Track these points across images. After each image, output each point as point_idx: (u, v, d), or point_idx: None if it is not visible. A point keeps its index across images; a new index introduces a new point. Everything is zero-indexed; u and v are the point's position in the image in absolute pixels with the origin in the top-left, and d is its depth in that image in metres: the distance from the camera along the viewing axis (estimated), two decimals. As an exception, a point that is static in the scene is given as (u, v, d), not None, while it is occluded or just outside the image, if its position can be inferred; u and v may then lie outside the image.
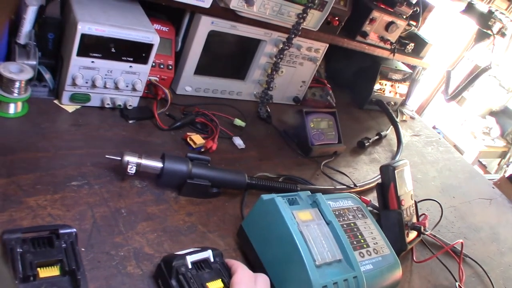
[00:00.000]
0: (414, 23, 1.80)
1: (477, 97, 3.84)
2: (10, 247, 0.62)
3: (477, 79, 1.67)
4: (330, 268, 0.78)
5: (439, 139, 1.98)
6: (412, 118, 2.02)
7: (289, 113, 1.38)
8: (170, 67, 1.18)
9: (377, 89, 1.79)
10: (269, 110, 1.39)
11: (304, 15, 1.25)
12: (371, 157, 1.52)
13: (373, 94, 1.78)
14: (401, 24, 1.62)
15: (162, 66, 1.16)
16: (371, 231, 0.92)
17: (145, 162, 0.89)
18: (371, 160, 1.50)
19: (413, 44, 1.80)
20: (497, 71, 3.55)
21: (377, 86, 1.79)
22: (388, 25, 1.59)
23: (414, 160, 1.65)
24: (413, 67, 1.93)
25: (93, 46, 0.96)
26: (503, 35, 1.53)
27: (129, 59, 1.02)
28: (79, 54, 0.95)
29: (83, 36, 0.93)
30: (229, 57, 1.35)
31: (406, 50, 1.79)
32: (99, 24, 0.94)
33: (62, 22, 0.99)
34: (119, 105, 1.07)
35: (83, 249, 0.73)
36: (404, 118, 1.97)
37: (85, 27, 0.92)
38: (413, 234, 1.11)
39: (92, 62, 0.98)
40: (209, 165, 0.98)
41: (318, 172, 1.27)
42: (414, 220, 1.15)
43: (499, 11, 1.44)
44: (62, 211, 0.78)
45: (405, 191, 1.12)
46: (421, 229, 1.09)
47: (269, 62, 1.36)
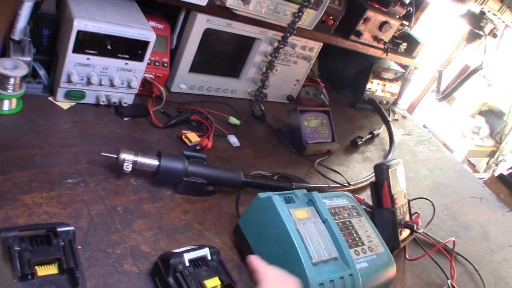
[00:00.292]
0: (407, 23, 1.82)
1: (466, 96, 3.88)
2: (7, 245, 0.61)
3: (469, 79, 1.69)
4: (326, 266, 0.78)
5: (430, 138, 2.00)
6: (403, 117, 2.04)
7: (284, 112, 1.38)
8: (165, 64, 1.17)
9: (369, 88, 1.80)
10: (263, 108, 1.40)
11: (300, 14, 1.25)
12: (364, 156, 1.53)
13: (365, 93, 1.79)
14: (395, 24, 1.63)
15: (157, 64, 1.16)
16: (366, 229, 0.93)
17: (141, 160, 0.88)
18: (364, 158, 1.51)
19: (405, 44, 1.81)
20: (486, 71, 3.58)
21: (369, 85, 1.80)
22: (382, 25, 1.60)
23: (406, 159, 1.67)
24: (405, 67, 1.95)
25: (89, 43, 0.95)
26: (494, 36, 1.55)
27: (125, 56, 1.01)
28: (74, 50, 0.94)
29: (79, 33, 0.92)
30: (224, 55, 1.35)
31: (399, 50, 1.81)
32: (95, 21, 0.93)
33: (57, 19, 0.98)
34: (114, 102, 1.07)
35: (79, 247, 0.73)
36: (396, 117, 1.98)
37: (81, 23, 0.91)
38: (406, 233, 1.13)
39: (88, 59, 0.97)
40: (205, 163, 0.98)
41: (312, 171, 1.27)
42: (407, 218, 1.16)
43: (492, 12, 1.46)
44: (58, 208, 0.78)
45: (399, 189, 1.13)
46: (414, 228, 1.11)
47: (263, 61, 1.36)
